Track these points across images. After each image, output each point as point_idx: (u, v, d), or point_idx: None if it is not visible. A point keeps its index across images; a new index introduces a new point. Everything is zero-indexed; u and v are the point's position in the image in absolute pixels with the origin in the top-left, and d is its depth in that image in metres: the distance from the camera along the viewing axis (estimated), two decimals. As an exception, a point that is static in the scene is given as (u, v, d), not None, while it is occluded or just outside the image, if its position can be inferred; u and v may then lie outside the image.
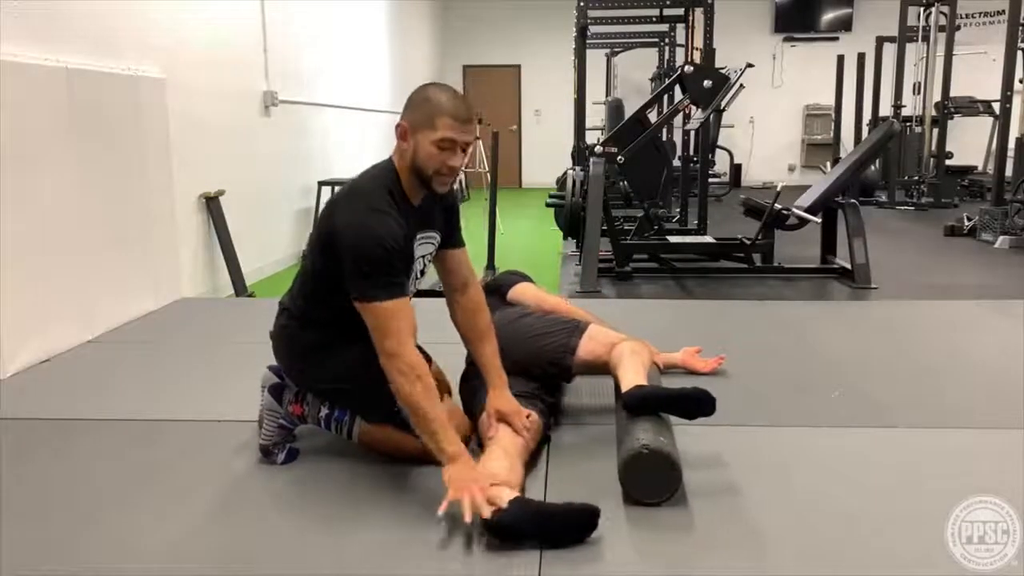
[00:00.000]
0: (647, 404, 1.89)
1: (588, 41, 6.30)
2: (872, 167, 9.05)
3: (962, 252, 5.99)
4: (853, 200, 5.09)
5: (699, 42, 6.25)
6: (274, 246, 5.64)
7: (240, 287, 4.67)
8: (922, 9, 8.83)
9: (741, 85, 5.26)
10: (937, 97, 8.90)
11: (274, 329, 2.07)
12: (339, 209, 1.87)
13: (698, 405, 1.89)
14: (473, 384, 2.16)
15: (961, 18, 9.96)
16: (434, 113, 1.81)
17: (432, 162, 1.83)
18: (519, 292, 2.54)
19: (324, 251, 1.88)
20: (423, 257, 1.98)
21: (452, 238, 2.07)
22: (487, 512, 1.62)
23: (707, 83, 4.98)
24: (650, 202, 5.81)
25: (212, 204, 4.55)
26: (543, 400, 2.11)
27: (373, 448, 2.04)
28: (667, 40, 9.54)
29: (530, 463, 1.93)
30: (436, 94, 1.84)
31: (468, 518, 1.61)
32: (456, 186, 2.17)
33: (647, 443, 1.75)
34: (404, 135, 1.85)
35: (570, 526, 1.63)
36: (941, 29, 8.71)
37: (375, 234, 1.77)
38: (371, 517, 1.78)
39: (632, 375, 1.97)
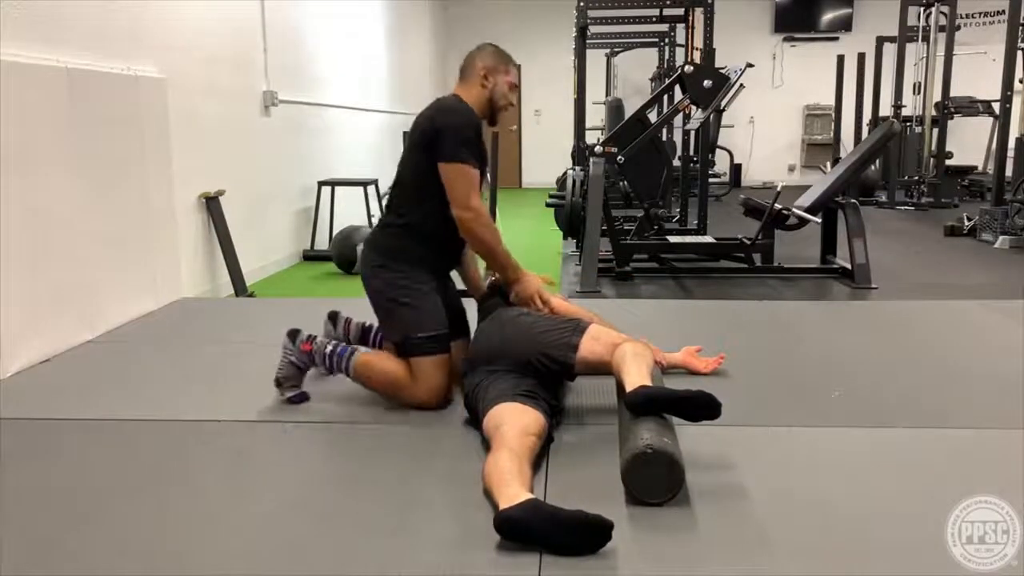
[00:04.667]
0: (651, 405, 1.88)
1: (588, 41, 6.30)
2: (872, 167, 9.05)
3: (962, 252, 6.00)
4: (853, 200, 5.09)
5: (699, 42, 6.25)
6: (274, 246, 5.64)
7: (240, 287, 4.66)
8: (922, 9, 8.83)
9: (741, 85, 5.26)
10: (937, 97, 8.90)
11: (365, 246, 2.52)
12: (436, 114, 2.37)
13: (703, 408, 1.88)
14: (478, 383, 2.17)
15: (961, 18, 9.97)
16: (505, 61, 2.48)
17: (505, 98, 2.48)
18: None
19: (425, 147, 2.33)
20: None
21: None
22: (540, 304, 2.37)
23: (707, 83, 4.98)
24: (650, 202, 5.81)
25: (212, 204, 4.55)
26: (548, 401, 2.11)
27: (363, 382, 2.38)
28: (667, 40, 9.54)
29: (536, 464, 1.93)
30: (497, 49, 2.49)
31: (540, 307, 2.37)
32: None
33: (651, 443, 1.75)
34: (486, 76, 2.43)
35: (580, 537, 1.59)
36: (941, 29, 8.72)
37: (469, 119, 2.37)
38: (371, 517, 1.78)
39: (635, 376, 1.97)
